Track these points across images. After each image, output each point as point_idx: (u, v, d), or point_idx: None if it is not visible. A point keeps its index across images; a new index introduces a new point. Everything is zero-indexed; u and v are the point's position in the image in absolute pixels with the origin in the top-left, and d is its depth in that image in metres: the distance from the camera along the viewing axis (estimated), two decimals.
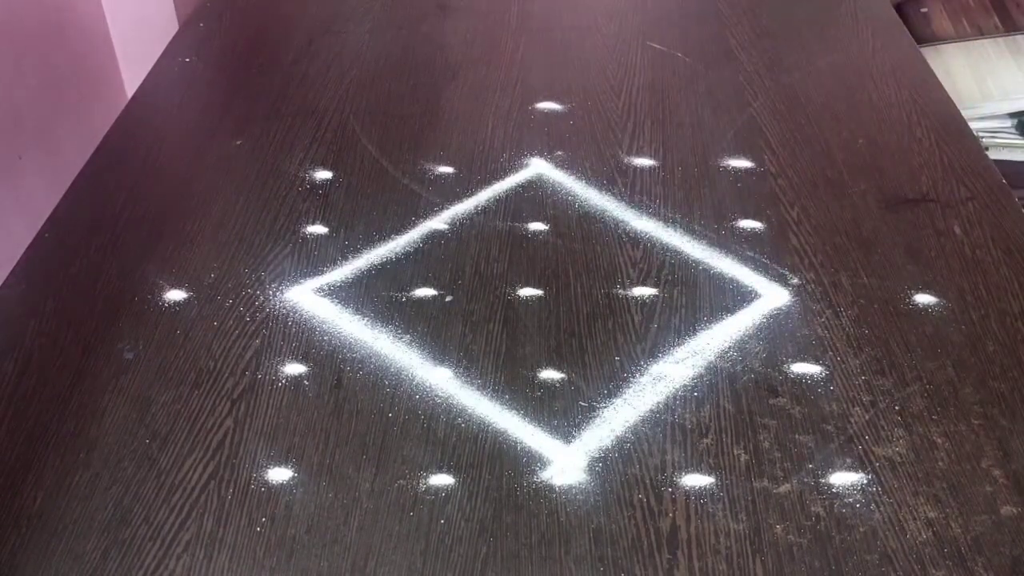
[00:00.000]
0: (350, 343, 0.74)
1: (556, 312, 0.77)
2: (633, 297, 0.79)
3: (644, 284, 0.80)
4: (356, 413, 0.69)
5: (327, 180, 0.92)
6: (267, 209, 0.89)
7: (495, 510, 0.63)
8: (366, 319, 0.77)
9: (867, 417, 0.68)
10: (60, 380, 0.72)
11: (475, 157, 0.95)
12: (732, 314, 0.77)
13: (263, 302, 0.78)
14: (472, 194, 0.90)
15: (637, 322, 0.76)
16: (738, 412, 0.69)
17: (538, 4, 1.24)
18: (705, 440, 0.67)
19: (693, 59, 1.11)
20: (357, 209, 0.88)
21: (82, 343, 0.75)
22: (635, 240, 0.85)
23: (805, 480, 0.64)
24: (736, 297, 0.79)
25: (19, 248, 0.85)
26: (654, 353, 0.74)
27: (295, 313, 0.77)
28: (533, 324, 0.76)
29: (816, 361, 0.73)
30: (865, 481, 0.64)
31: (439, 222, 0.87)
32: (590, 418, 0.69)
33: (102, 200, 0.90)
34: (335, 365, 0.73)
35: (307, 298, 0.79)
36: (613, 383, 0.71)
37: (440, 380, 0.71)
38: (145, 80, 1.10)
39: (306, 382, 0.72)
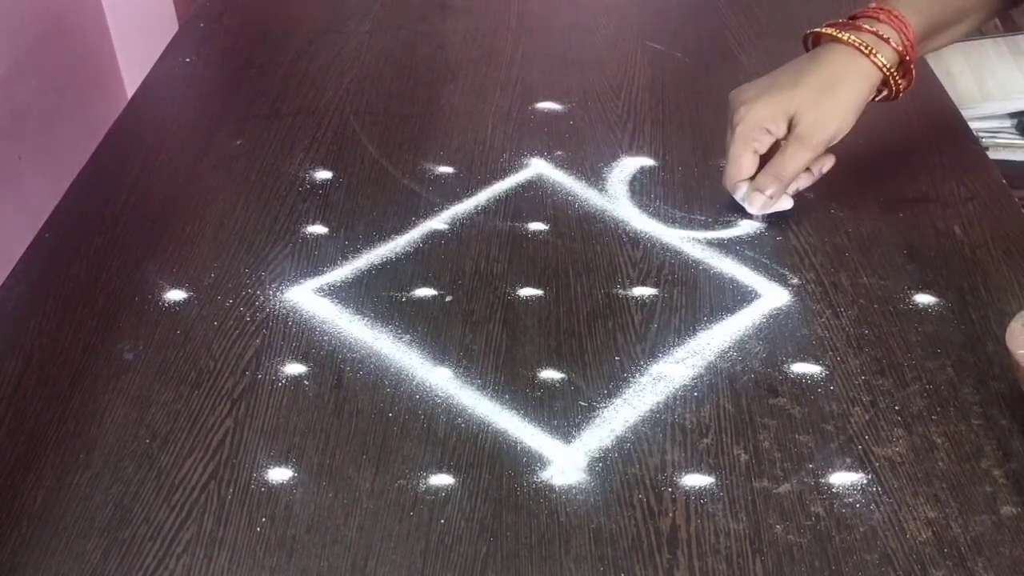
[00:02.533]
0: (350, 343, 0.74)
1: (556, 312, 0.77)
2: (633, 297, 0.79)
3: (644, 284, 0.80)
4: (356, 413, 0.69)
5: (327, 180, 0.92)
6: (267, 209, 0.89)
7: (495, 510, 0.63)
8: (366, 319, 0.77)
9: (867, 417, 0.68)
10: (60, 380, 0.72)
11: (475, 157, 0.95)
12: (732, 314, 0.77)
13: (263, 302, 0.78)
14: (472, 194, 0.90)
15: (637, 322, 0.76)
16: (738, 412, 0.69)
17: (538, 4, 1.24)
18: (705, 440, 0.67)
19: (693, 59, 1.11)
20: (357, 209, 0.88)
21: (82, 343, 0.75)
22: (635, 240, 0.85)
23: (805, 480, 0.64)
24: (736, 297, 0.79)
25: (19, 248, 0.85)
26: (654, 353, 0.74)
27: (295, 313, 0.77)
28: (533, 324, 0.76)
29: (816, 361, 0.73)
30: (865, 481, 0.64)
31: (439, 222, 0.87)
32: (590, 418, 0.69)
33: (102, 200, 0.90)
34: (335, 365, 0.73)
35: (307, 298, 0.79)
36: (613, 383, 0.71)
37: (440, 380, 0.71)
38: (145, 80, 1.10)
39: (306, 382, 0.72)
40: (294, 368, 0.73)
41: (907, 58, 0.82)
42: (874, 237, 0.85)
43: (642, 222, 0.87)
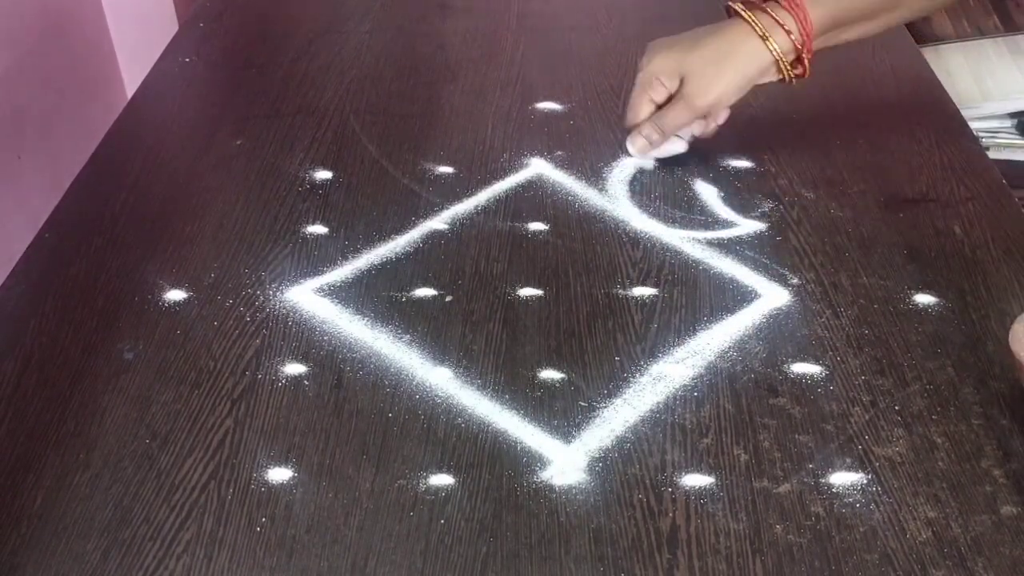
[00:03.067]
0: (350, 343, 0.74)
1: (556, 312, 0.77)
2: (633, 297, 0.79)
3: (644, 284, 0.80)
4: (356, 413, 0.69)
5: (327, 180, 0.92)
6: (267, 209, 0.89)
7: (495, 510, 0.63)
8: (366, 319, 0.77)
9: (867, 417, 0.68)
10: (60, 380, 0.72)
11: (475, 157, 0.95)
12: (732, 314, 0.77)
13: (263, 302, 0.78)
14: (472, 194, 0.90)
15: (637, 322, 0.76)
16: (738, 412, 0.69)
17: (538, 3, 1.24)
18: (705, 440, 0.67)
19: None
20: (357, 209, 0.88)
21: (82, 343, 0.75)
22: (635, 240, 0.85)
23: (805, 480, 0.64)
24: (736, 297, 0.79)
25: (19, 248, 0.85)
26: (654, 353, 0.74)
27: (295, 313, 0.77)
28: (533, 324, 0.76)
29: (816, 361, 0.73)
30: (865, 481, 0.64)
31: (439, 222, 0.87)
32: (590, 418, 0.69)
33: (102, 200, 0.90)
34: (335, 365, 0.73)
35: (307, 298, 0.79)
36: (613, 383, 0.71)
37: (440, 380, 0.71)
38: (145, 80, 1.10)
39: (306, 382, 0.72)
40: (294, 368, 0.73)
41: (800, 47, 0.85)
42: (874, 237, 0.85)
43: (642, 222, 0.87)
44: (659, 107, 0.90)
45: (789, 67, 0.86)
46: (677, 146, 0.92)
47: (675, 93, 0.88)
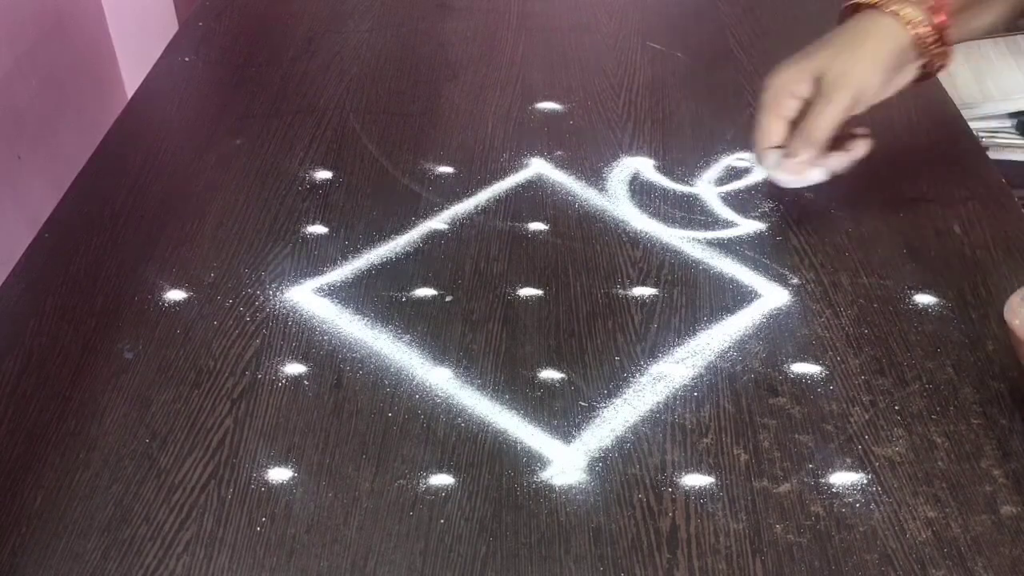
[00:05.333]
0: (350, 343, 0.74)
1: (556, 312, 0.77)
2: (633, 297, 0.79)
3: (644, 284, 0.80)
4: (356, 413, 0.69)
5: (327, 179, 0.92)
6: (267, 209, 0.89)
7: (495, 510, 0.63)
8: (366, 319, 0.77)
9: (867, 417, 0.68)
10: (60, 379, 0.72)
11: (475, 157, 0.95)
12: (732, 314, 0.77)
13: (263, 302, 0.78)
14: (472, 194, 0.90)
15: (637, 322, 0.76)
16: (738, 412, 0.69)
17: (538, 3, 1.24)
18: (705, 440, 0.67)
19: (693, 59, 1.11)
20: (357, 209, 0.88)
21: (82, 342, 0.75)
22: (635, 240, 0.85)
23: (805, 480, 0.64)
24: (736, 297, 0.79)
25: (19, 248, 0.85)
26: (654, 353, 0.74)
27: (295, 313, 0.77)
28: (533, 324, 0.76)
29: (816, 361, 0.73)
30: (865, 481, 0.64)
31: (439, 222, 0.87)
32: (590, 418, 0.69)
33: (102, 200, 0.90)
34: (335, 365, 0.73)
35: (307, 298, 0.79)
36: (613, 383, 0.71)
37: (440, 380, 0.71)
38: (145, 80, 1.10)
39: (306, 382, 0.72)
40: (294, 368, 0.73)
41: (939, 20, 0.79)
42: (874, 237, 0.85)
43: (642, 222, 0.87)
44: (794, 124, 0.82)
45: (929, 47, 0.80)
46: (817, 174, 0.84)
47: (811, 99, 0.80)
